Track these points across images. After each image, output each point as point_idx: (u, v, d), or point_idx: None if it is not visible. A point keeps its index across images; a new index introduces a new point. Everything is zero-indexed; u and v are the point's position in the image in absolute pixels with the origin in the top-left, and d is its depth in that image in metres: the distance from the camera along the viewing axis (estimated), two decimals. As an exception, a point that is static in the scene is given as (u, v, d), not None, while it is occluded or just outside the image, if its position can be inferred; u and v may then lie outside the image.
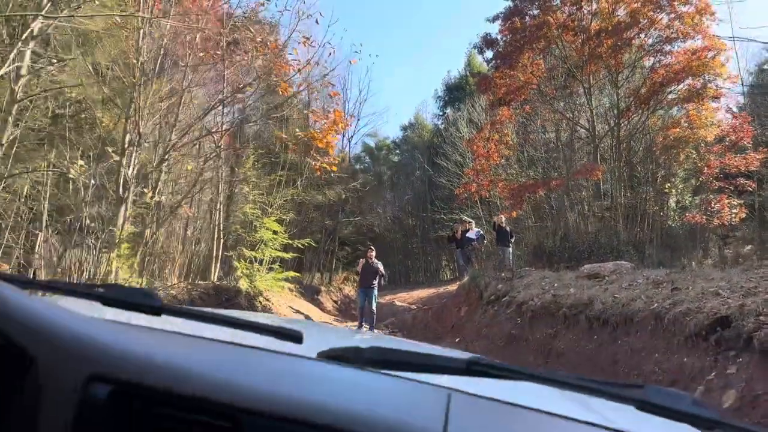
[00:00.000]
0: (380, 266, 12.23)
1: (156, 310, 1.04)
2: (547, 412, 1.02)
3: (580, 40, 17.43)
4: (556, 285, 8.45)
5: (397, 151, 42.24)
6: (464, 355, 1.27)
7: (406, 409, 0.94)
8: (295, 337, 1.02)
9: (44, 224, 8.02)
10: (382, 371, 1.03)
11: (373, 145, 41.92)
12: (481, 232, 16.09)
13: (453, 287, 16.64)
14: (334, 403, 0.88)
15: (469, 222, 16.08)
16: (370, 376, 1.03)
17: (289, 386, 0.93)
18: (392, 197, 37.53)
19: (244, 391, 0.87)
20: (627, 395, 0.88)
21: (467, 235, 15.00)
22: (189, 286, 9.09)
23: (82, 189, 7.97)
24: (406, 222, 37.93)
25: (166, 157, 8.33)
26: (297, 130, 9.12)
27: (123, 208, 7.78)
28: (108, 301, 1.06)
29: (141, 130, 8.17)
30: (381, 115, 69.59)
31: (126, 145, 8.00)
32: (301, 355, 1.07)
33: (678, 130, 17.33)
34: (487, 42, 19.65)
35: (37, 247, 7.93)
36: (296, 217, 19.27)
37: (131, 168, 7.96)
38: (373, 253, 12.27)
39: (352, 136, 31.28)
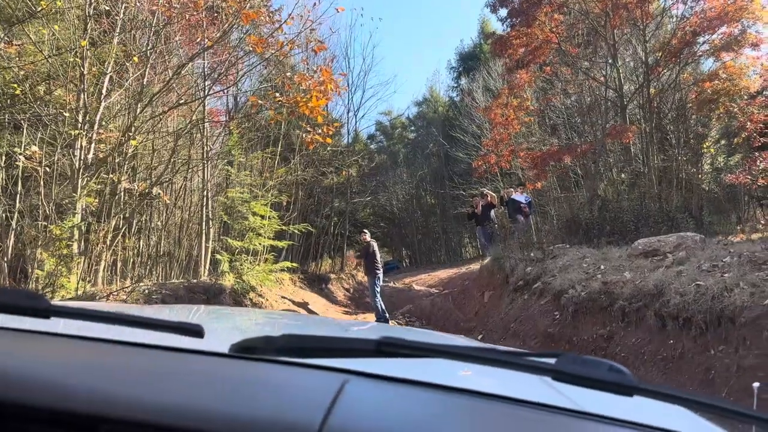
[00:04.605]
0: (375, 247, 11.11)
1: (43, 312, 0.93)
2: (458, 389, 0.96)
3: (602, -9, 15.84)
4: (602, 267, 6.82)
5: (412, 128, 40.81)
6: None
7: (291, 402, 0.84)
8: (195, 332, 0.94)
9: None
10: (294, 360, 0.94)
11: (387, 123, 40.56)
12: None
13: (476, 266, 15.71)
14: (205, 402, 0.80)
15: (492, 195, 14.63)
16: (270, 368, 0.95)
17: (163, 387, 0.84)
18: (409, 175, 36.02)
19: (108, 398, 0.79)
20: (541, 366, 0.82)
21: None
22: (153, 287, 7.80)
23: (41, 177, 6.82)
24: (424, 200, 36.69)
25: (131, 133, 7.07)
26: (277, 94, 7.70)
27: (77, 197, 6.56)
28: None
29: (97, 104, 6.96)
30: (387, 85, 65.52)
31: (79, 123, 6.77)
32: (205, 350, 0.99)
33: (716, 82, 15.78)
34: (501, -1, 18.03)
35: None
36: (300, 198, 17.89)
37: (85, 150, 6.73)
38: (367, 236, 11.20)
39: (358, 109, 27.55)
